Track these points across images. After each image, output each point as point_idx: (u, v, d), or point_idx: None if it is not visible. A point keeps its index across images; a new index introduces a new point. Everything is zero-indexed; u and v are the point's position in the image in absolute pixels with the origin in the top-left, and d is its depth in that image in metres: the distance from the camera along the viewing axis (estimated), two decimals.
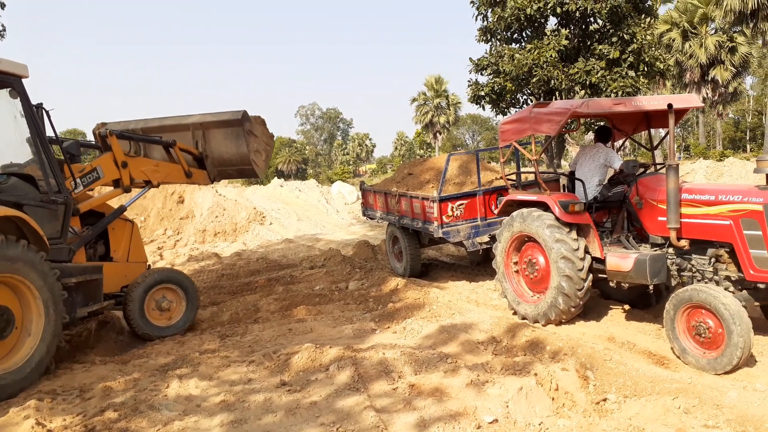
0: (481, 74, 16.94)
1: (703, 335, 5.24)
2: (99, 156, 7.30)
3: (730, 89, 37.49)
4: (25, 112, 6.09)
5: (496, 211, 8.47)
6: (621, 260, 6.17)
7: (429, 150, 67.86)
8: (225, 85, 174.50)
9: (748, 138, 59.66)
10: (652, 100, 6.41)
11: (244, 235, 17.97)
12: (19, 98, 6.05)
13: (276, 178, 32.49)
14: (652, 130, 7.63)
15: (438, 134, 63.20)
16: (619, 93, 15.24)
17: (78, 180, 6.80)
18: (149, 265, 8.03)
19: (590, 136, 22.65)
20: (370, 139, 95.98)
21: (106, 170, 7.22)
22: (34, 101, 6.20)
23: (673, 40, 35.23)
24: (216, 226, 18.29)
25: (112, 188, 7.54)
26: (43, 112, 6.36)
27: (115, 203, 8.32)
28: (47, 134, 6.45)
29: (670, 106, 5.83)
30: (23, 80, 6.09)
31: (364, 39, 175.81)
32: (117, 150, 7.35)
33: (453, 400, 4.61)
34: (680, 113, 6.57)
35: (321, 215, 21.64)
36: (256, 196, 22.83)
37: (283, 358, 5.78)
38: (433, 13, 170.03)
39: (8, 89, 6.05)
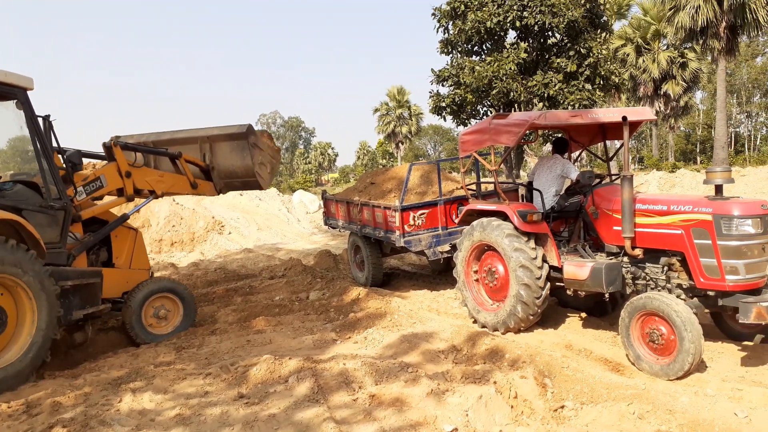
0: (443, 85, 17.12)
1: (656, 342, 5.37)
2: (104, 165, 7.54)
3: (682, 103, 38.85)
4: (28, 123, 6.34)
5: (456, 221, 8.53)
6: (578, 269, 6.28)
7: (391, 160, 68.16)
8: (183, 91, 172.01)
9: (698, 150, 61.79)
10: (607, 113, 6.57)
11: (202, 244, 17.64)
12: (23, 109, 6.32)
13: None
14: (608, 142, 7.81)
15: (400, 144, 63.56)
16: (576, 105, 15.59)
17: (81, 188, 7.07)
18: (152, 273, 8.22)
19: (548, 147, 23.13)
20: (332, 148, 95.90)
21: (110, 179, 7.46)
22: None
23: (628, 55, 36.33)
24: (173, 235, 17.90)
25: (116, 197, 7.78)
26: (48, 123, 6.66)
27: (118, 211, 8.30)
28: (52, 144, 6.72)
29: (624, 118, 5.99)
30: (28, 92, 6.38)
31: (329, 47, 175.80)
32: (121, 160, 7.56)
33: (413, 410, 4.59)
34: (634, 125, 6.75)
35: (282, 224, 21.43)
36: (215, 205, 22.43)
37: (241, 370, 5.67)
38: (396, 24, 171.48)
39: (14, 101, 6.33)
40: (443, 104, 16.86)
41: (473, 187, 8.54)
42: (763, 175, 11.30)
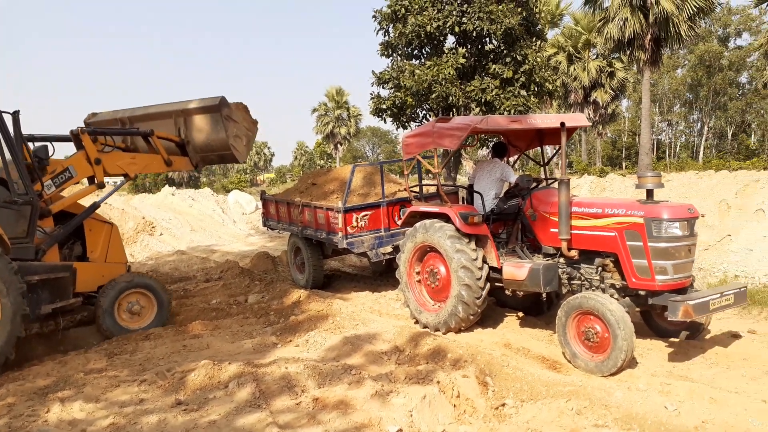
0: (383, 88, 17.17)
1: (591, 340, 5.56)
2: (72, 155, 7.48)
3: (609, 111, 40.54)
4: None
5: (399, 222, 8.58)
6: (516, 269, 6.44)
7: (329, 161, 67.86)
8: (115, 81, 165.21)
9: (623, 156, 64.72)
10: (545, 119, 6.76)
11: (131, 246, 16.94)
12: None
13: (167, 186, 31.03)
14: (544, 147, 8.03)
15: (339, 145, 63.38)
16: (512, 111, 16.00)
17: (49, 181, 7.07)
18: (129, 266, 8.18)
19: (484, 151, 23.63)
20: (268, 148, 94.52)
21: (79, 169, 7.44)
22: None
23: (560, 63, 37.62)
24: None
25: (83, 187, 7.80)
26: (16, 118, 6.71)
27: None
28: (21, 139, 6.78)
29: (562, 124, 6.18)
30: None
31: (266, 44, 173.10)
32: (89, 147, 7.53)
33: (358, 412, 4.58)
34: (570, 131, 6.98)
35: (217, 225, 20.90)
36: (145, 204, 21.66)
37: (178, 376, 5.49)
38: (336, 25, 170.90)
39: None
40: (384, 106, 16.92)
41: (416, 189, 8.61)
42: (684, 180, 11.98)
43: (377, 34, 17.57)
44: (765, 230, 9.40)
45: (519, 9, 16.21)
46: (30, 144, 7.25)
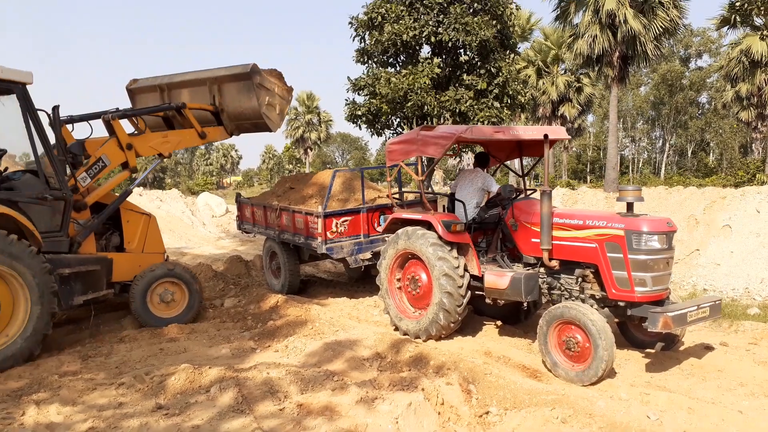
0: (359, 94, 17.20)
1: (572, 349, 5.65)
2: (104, 143, 7.59)
3: (576, 125, 41.47)
4: (24, 116, 6.51)
5: (379, 229, 8.58)
6: (498, 278, 6.50)
7: (298, 165, 67.41)
8: (80, 79, 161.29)
9: (588, 170, 66.15)
10: (527, 131, 6.88)
11: None
12: (20, 104, 6.50)
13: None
14: (520, 158, 8.15)
15: (309, 150, 63.11)
16: (485, 122, 16.19)
17: (84, 174, 7.28)
18: (167, 257, 8.42)
19: (465, 161, 23.85)
20: (236, 151, 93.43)
21: (112, 157, 7.60)
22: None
23: (529, 77, 38.29)
24: None
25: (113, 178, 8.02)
26: (56, 114, 6.94)
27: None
28: (60, 135, 7.00)
29: (546, 136, 6.30)
30: (28, 86, 6.59)
31: (235, 44, 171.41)
32: (121, 133, 7.68)
33: (344, 418, 4.55)
34: (552, 143, 7.11)
35: (186, 228, 20.54)
36: None
37: (158, 379, 5.38)
38: (309, 30, 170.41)
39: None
40: (359, 113, 16.93)
41: (397, 195, 8.63)
42: (654, 195, 12.35)
43: (353, 40, 17.62)
44: (732, 246, 9.72)
45: (494, 22, 16.45)
46: (69, 126, 7.49)
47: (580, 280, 6.22)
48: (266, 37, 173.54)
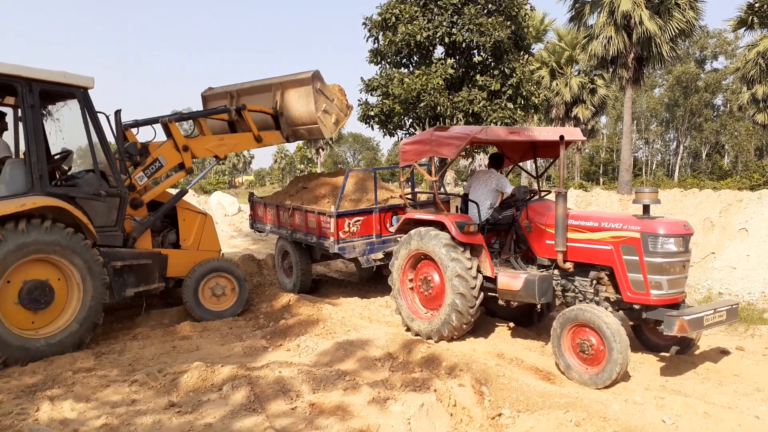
0: (371, 95, 17.20)
1: (586, 352, 5.60)
2: (161, 145, 8.01)
3: (589, 127, 41.17)
4: (84, 119, 6.93)
5: (391, 229, 8.56)
6: (512, 280, 6.46)
7: (310, 165, 67.52)
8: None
9: (601, 172, 65.72)
10: (542, 132, 6.83)
11: None
12: (81, 107, 6.93)
13: None
14: (534, 160, 8.10)
15: (321, 150, 63.21)
16: (498, 123, 16.14)
17: (141, 173, 7.71)
18: (222, 255, 8.82)
19: (477, 162, 23.78)
20: (248, 150, 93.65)
21: (168, 157, 8.00)
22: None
23: (542, 78, 38.04)
24: None
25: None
26: (118, 117, 7.49)
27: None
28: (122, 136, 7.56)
29: (561, 137, 6.25)
30: (89, 90, 7.01)
31: (250, 46, 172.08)
32: (177, 135, 8.09)
33: (356, 418, 4.53)
34: (567, 145, 7.06)
35: None
36: None
37: (170, 377, 5.40)
38: (324, 33, 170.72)
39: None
40: (371, 113, 16.94)
41: (411, 196, 8.61)
42: (669, 197, 12.22)
43: (367, 41, 17.64)
44: (748, 249, 9.60)
45: (508, 23, 16.40)
46: (134, 130, 8.07)
47: (594, 282, 6.17)
48: (273, 38, 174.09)
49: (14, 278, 6.18)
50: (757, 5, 26.38)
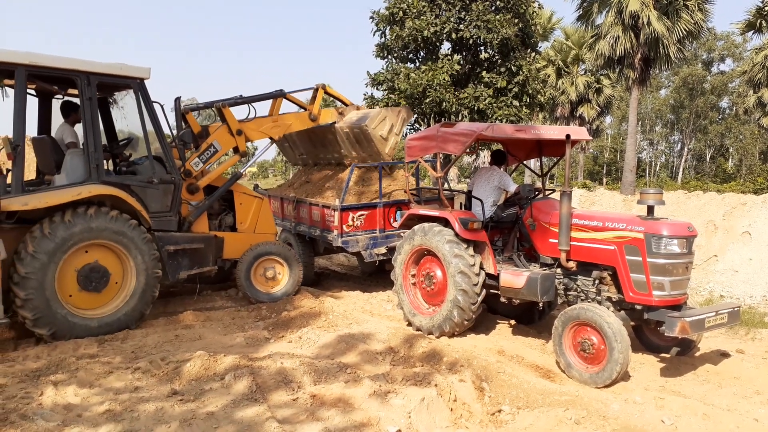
0: (377, 89, 17.18)
1: (587, 351, 5.62)
2: (215, 130, 8.28)
3: (594, 126, 41.06)
4: (139, 109, 7.21)
5: (395, 224, 8.58)
6: (514, 277, 6.49)
7: None
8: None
9: (604, 172, 65.63)
10: (549, 130, 6.84)
11: None
12: (137, 97, 7.21)
13: None
14: (539, 158, 8.11)
15: None
16: (504, 120, 16.11)
17: (196, 159, 8.00)
18: (278, 237, 9.13)
19: (481, 159, 23.74)
20: (255, 148, 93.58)
21: (222, 142, 8.26)
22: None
23: (548, 76, 37.94)
24: None
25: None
26: (177, 104, 7.90)
27: None
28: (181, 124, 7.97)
29: (568, 136, 6.25)
30: (145, 81, 7.28)
31: (257, 38, 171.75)
32: (231, 119, 8.34)
33: (357, 411, 4.57)
34: (573, 144, 7.07)
35: None
36: None
37: (173, 365, 5.44)
38: (328, 27, 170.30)
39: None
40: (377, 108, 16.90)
41: (415, 192, 8.63)
42: (673, 199, 12.19)
43: (373, 35, 17.61)
44: (750, 252, 9.61)
45: (516, 20, 16.35)
46: (194, 113, 8.41)
47: (597, 281, 6.19)
48: (287, 23, 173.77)
49: (73, 261, 6.55)
50: (766, 9, 26.27)
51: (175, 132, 7.94)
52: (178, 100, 7.88)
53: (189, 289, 8.95)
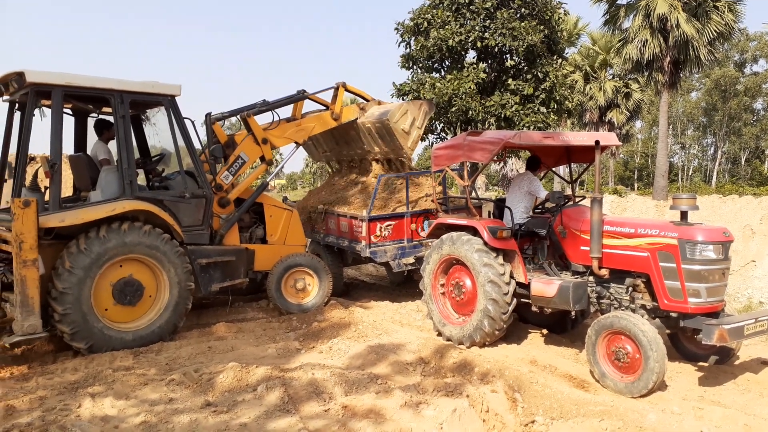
0: (403, 99, 17.23)
1: (621, 360, 5.52)
2: (242, 141, 8.42)
3: (624, 131, 40.48)
4: (170, 125, 7.38)
5: (423, 234, 8.57)
6: (545, 286, 6.41)
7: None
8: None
9: (635, 177, 64.56)
10: (577, 137, 6.78)
11: None
12: (168, 114, 7.38)
13: None
14: (568, 165, 8.02)
15: None
16: (531, 127, 15.99)
17: (226, 172, 8.15)
18: (307, 249, 9.27)
19: (509, 167, 23.60)
20: (280, 154, 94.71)
21: (249, 153, 8.40)
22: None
23: (576, 82, 37.60)
24: None
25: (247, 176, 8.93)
26: (209, 120, 8.13)
27: None
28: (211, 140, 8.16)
29: (597, 142, 6.18)
30: (176, 98, 7.45)
31: (283, 47, 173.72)
32: (256, 129, 8.45)
33: (388, 422, 4.55)
34: (603, 150, 6.98)
35: None
36: None
37: (206, 377, 5.50)
38: (353, 35, 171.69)
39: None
40: None
41: (443, 201, 8.61)
42: (708, 204, 11.95)
43: (398, 46, 17.69)
44: None
45: (541, 27, 16.26)
46: (221, 123, 8.54)
47: (630, 289, 6.09)
48: (314, 36, 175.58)
49: (108, 275, 6.69)
50: None
51: (206, 146, 8.07)
52: (208, 115, 8.00)
53: (221, 301, 9.08)
